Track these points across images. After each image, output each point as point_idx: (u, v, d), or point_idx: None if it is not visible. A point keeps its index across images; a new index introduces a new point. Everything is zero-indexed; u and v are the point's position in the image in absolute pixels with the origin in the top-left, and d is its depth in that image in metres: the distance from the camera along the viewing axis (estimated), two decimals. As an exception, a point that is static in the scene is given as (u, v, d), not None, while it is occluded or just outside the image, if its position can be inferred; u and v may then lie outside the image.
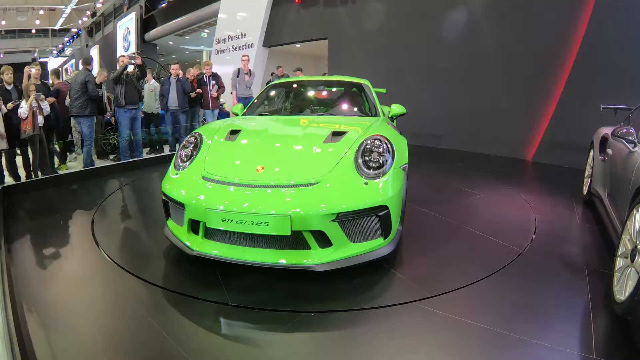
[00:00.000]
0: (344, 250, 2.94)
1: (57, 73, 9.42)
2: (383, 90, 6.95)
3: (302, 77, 6.35)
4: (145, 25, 23.58)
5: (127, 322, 2.59)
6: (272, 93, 5.51)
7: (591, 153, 4.94)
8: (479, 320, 2.52)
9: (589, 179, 4.84)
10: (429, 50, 9.34)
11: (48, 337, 2.39)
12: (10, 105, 6.32)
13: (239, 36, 14.17)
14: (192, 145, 3.66)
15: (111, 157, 8.95)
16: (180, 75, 8.70)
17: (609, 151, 4.05)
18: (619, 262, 2.69)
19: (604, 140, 4.44)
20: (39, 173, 6.96)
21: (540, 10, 7.50)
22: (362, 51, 11.00)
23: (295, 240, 2.89)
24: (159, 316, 2.61)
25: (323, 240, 2.89)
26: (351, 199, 2.93)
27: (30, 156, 6.89)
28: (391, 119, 4.86)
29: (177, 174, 3.41)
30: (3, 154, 6.68)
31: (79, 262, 3.57)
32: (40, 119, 6.71)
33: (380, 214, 2.98)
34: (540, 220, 4.32)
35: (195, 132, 3.90)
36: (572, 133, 7.11)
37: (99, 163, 8.05)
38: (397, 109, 4.86)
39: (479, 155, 8.15)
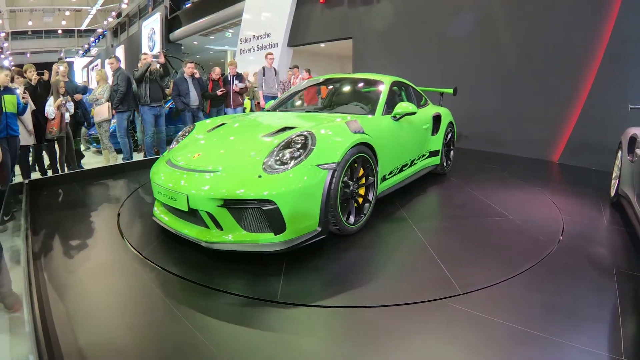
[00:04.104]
0: (234, 236, 3.14)
1: None
2: (450, 90, 6.86)
3: (329, 75, 6.32)
4: (170, 25, 23.89)
5: (150, 312, 2.61)
6: (294, 90, 5.83)
7: (619, 154, 4.83)
8: (506, 319, 2.49)
9: (617, 181, 4.74)
10: (454, 51, 9.26)
11: (72, 326, 2.42)
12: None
13: (264, 36, 14.23)
14: (185, 134, 4.35)
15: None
16: (196, 74, 8.76)
17: (638, 151, 3.96)
18: (650, 263, 2.63)
19: (632, 141, 4.33)
20: (65, 168, 7.10)
21: (566, 10, 7.38)
22: (387, 51, 10.96)
23: (200, 218, 3.24)
24: (182, 307, 2.63)
25: (219, 222, 3.17)
26: (233, 188, 3.08)
27: (58, 152, 7.04)
28: (395, 117, 4.63)
29: (163, 156, 4.05)
30: (30, 149, 6.84)
31: (103, 252, 3.62)
32: (67, 116, 6.86)
33: (264, 207, 3.01)
34: (568, 222, 4.25)
35: (193, 124, 4.56)
36: (599, 134, 6.97)
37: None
38: (406, 106, 4.57)
39: (505, 156, 8.05)
